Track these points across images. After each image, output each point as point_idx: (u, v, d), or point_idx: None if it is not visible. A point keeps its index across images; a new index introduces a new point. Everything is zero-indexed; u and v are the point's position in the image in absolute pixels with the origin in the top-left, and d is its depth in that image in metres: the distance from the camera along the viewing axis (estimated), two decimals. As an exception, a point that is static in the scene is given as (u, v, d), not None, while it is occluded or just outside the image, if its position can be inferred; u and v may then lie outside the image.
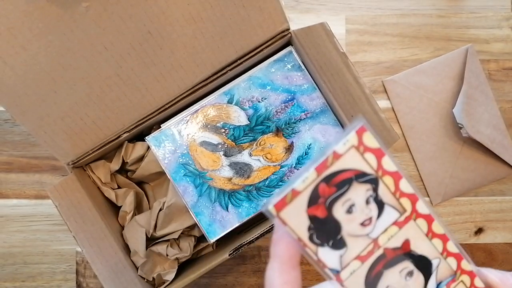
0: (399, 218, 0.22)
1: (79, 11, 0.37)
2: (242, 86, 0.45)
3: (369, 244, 0.22)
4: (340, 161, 0.21)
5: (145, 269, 0.45)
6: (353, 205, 0.21)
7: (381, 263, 0.22)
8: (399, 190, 0.22)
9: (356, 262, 0.22)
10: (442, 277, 0.23)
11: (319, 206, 0.21)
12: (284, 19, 0.41)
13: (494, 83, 0.57)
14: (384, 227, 0.22)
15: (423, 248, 0.23)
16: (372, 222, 0.22)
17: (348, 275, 0.22)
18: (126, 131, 0.43)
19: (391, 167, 0.22)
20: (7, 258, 0.56)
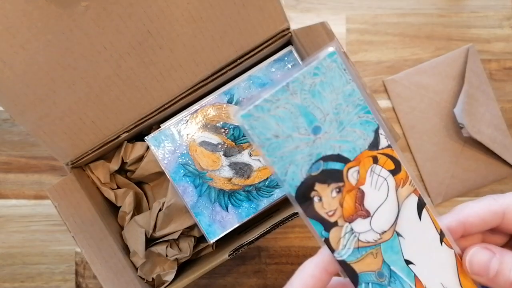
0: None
1: (78, 11, 0.37)
2: (242, 85, 0.45)
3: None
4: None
5: (145, 270, 0.44)
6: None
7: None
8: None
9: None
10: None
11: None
12: (284, 19, 0.41)
13: (495, 83, 0.57)
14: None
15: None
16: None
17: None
18: (126, 131, 0.43)
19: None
20: (6, 258, 0.56)
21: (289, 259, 0.55)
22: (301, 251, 0.55)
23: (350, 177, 0.22)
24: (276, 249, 0.55)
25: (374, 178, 0.22)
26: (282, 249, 0.55)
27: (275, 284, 0.55)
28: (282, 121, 0.21)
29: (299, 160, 0.21)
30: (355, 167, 0.22)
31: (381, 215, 0.22)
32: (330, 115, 0.21)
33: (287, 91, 0.21)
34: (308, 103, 0.21)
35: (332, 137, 0.22)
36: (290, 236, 0.56)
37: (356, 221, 0.22)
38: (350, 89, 0.22)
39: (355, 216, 0.22)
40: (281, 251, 0.55)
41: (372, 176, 0.22)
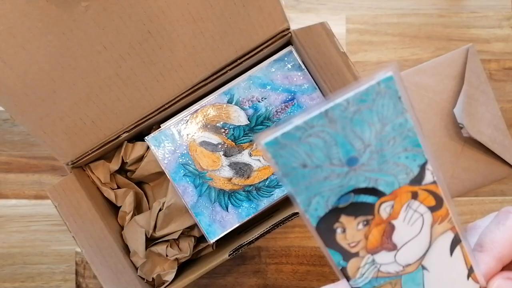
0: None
1: (79, 11, 0.37)
2: (242, 86, 0.45)
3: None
4: None
5: (145, 270, 0.44)
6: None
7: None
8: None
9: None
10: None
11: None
12: (284, 19, 0.41)
13: (495, 83, 0.57)
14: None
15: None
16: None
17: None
18: (126, 131, 0.43)
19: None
20: (6, 258, 0.56)
21: (289, 259, 0.55)
22: (301, 251, 0.55)
23: (382, 212, 0.20)
24: (276, 249, 0.56)
25: (409, 214, 0.21)
26: (282, 249, 0.56)
27: (275, 284, 0.55)
28: (313, 150, 0.19)
29: (326, 192, 0.19)
30: (390, 201, 0.20)
31: (408, 249, 0.21)
32: (371, 146, 0.19)
33: (325, 118, 0.18)
34: (348, 132, 0.19)
35: (370, 169, 0.19)
36: (290, 236, 0.56)
37: (380, 253, 0.21)
38: (402, 120, 0.19)
39: (379, 249, 0.21)
40: (281, 251, 0.55)
41: (407, 211, 0.21)
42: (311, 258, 0.56)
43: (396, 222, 0.21)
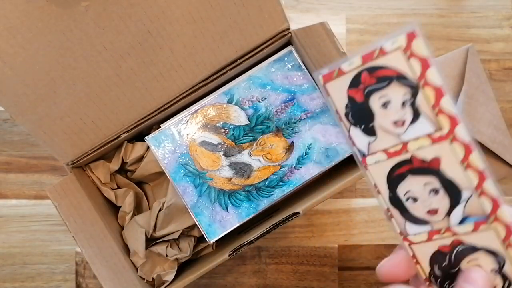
0: (433, 133, 0.22)
1: (79, 11, 0.37)
2: (242, 86, 0.45)
3: (397, 144, 0.22)
4: (385, 58, 0.21)
5: (145, 270, 0.44)
6: (389, 101, 0.22)
7: (406, 167, 0.22)
8: (439, 106, 0.21)
9: (382, 154, 0.22)
10: (471, 212, 0.22)
11: (359, 90, 0.22)
12: (284, 19, 0.41)
13: (495, 83, 0.57)
14: (416, 135, 0.22)
15: (454, 174, 0.22)
16: (404, 125, 0.22)
17: (373, 162, 0.22)
18: (126, 131, 0.43)
19: (436, 80, 0.21)
20: (6, 258, 0.56)
21: (289, 259, 0.55)
22: (301, 251, 0.55)
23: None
24: (276, 249, 0.56)
25: None
26: (282, 249, 0.56)
27: (275, 284, 0.55)
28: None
29: None
30: None
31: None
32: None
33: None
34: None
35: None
36: (290, 236, 0.56)
37: None
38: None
39: None
40: (281, 251, 0.55)
41: None
42: (311, 258, 0.56)
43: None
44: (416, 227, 0.23)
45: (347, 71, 0.22)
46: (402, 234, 0.23)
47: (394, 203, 0.22)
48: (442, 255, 0.23)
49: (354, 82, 0.22)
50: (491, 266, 0.23)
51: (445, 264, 0.23)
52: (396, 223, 0.23)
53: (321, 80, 0.23)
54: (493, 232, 0.22)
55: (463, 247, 0.23)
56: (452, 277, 0.23)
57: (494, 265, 0.23)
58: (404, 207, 0.22)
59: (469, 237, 0.22)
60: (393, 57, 0.21)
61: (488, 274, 0.22)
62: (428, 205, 0.22)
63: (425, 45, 0.21)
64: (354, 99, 0.22)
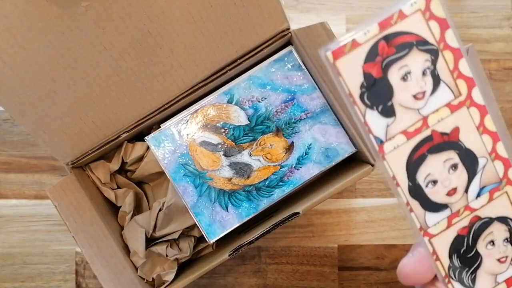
0: (453, 101, 0.21)
1: (79, 11, 0.37)
2: (242, 86, 0.45)
3: (418, 120, 0.21)
4: (404, 22, 0.20)
5: (145, 270, 0.44)
6: (409, 72, 0.20)
7: (426, 145, 0.21)
8: (458, 69, 0.21)
9: (401, 137, 0.21)
10: (487, 181, 0.22)
11: (376, 64, 0.20)
12: (284, 19, 0.41)
13: (495, 83, 0.57)
14: (436, 107, 0.21)
15: (472, 142, 0.22)
16: (425, 97, 0.21)
17: (391, 148, 0.21)
18: (126, 131, 0.43)
19: (454, 42, 0.21)
20: (6, 258, 0.56)
21: (289, 259, 0.55)
22: (301, 251, 0.55)
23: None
24: (276, 249, 0.56)
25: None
26: (282, 249, 0.56)
27: (275, 284, 0.55)
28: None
29: None
30: None
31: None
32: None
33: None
34: None
35: None
36: (290, 236, 0.56)
37: None
38: None
39: None
40: (281, 251, 0.55)
41: None
42: (311, 258, 0.56)
43: None
44: (435, 215, 0.22)
45: (362, 42, 0.20)
46: (422, 229, 0.22)
47: (414, 194, 0.22)
48: (461, 240, 0.23)
49: (371, 55, 0.20)
50: (503, 235, 0.23)
51: (463, 250, 0.23)
52: (416, 217, 0.22)
53: (330, 57, 0.20)
54: (505, 196, 0.22)
55: (480, 223, 0.23)
56: (470, 264, 0.23)
57: (506, 234, 0.23)
58: (424, 195, 0.22)
59: (485, 210, 0.22)
60: (413, 21, 0.20)
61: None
62: (447, 185, 0.22)
63: (442, 5, 0.20)
64: (371, 75, 0.20)
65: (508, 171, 0.22)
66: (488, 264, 0.23)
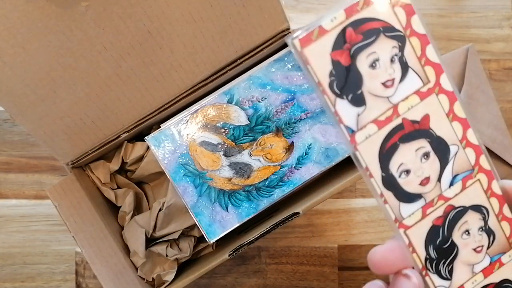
0: (422, 88, 0.21)
1: (79, 11, 0.37)
2: (242, 86, 0.45)
3: (388, 109, 0.21)
4: (370, 8, 0.20)
5: (145, 270, 0.45)
6: (377, 59, 0.20)
7: (398, 134, 0.21)
8: (425, 56, 0.21)
9: (372, 126, 0.21)
10: (459, 169, 0.22)
11: (344, 52, 0.20)
12: (284, 19, 0.41)
13: (495, 83, 0.57)
14: (405, 94, 0.21)
15: (442, 129, 0.21)
16: (394, 84, 0.20)
17: (363, 138, 0.21)
18: (126, 131, 0.43)
19: (420, 28, 0.20)
20: (6, 258, 0.56)
21: (289, 259, 0.55)
22: (301, 251, 0.55)
23: None
24: (276, 249, 0.56)
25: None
26: (282, 249, 0.56)
27: (275, 284, 0.55)
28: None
29: None
30: None
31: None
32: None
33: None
34: None
35: None
36: (290, 236, 0.56)
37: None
38: None
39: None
40: (281, 251, 0.55)
41: None
42: (311, 258, 0.56)
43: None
44: (410, 206, 0.22)
45: (329, 29, 0.19)
46: (397, 221, 0.22)
47: (388, 185, 0.21)
48: (436, 231, 0.22)
49: (338, 42, 0.19)
50: (478, 224, 0.23)
51: (439, 240, 0.22)
52: (391, 209, 0.22)
53: (297, 44, 0.19)
54: (478, 184, 0.22)
55: (454, 212, 0.22)
56: (447, 255, 0.23)
57: (481, 222, 0.23)
58: (397, 186, 0.21)
59: (458, 199, 0.22)
60: (379, 7, 0.20)
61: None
62: (420, 174, 0.21)
63: None
64: (339, 63, 0.20)
65: (479, 158, 0.22)
66: (464, 254, 0.23)
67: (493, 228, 0.23)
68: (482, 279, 0.23)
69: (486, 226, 0.23)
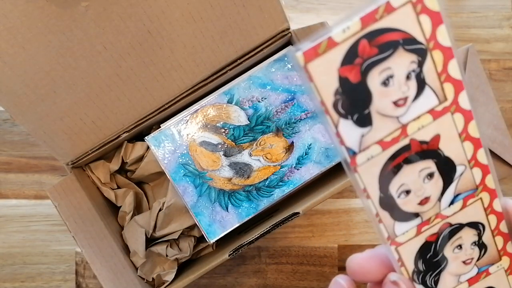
0: (437, 106, 0.19)
1: (79, 11, 0.37)
2: (242, 86, 0.45)
3: (396, 129, 0.19)
4: (391, 17, 0.17)
5: (145, 270, 0.45)
6: (391, 76, 0.18)
7: (403, 155, 0.19)
8: (447, 72, 0.18)
9: (376, 147, 0.19)
10: (462, 188, 0.21)
11: (354, 67, 0.17)
12: (284, 19, 0.41)
13: (495, 83, 0.57)
14: (418, 114, 0.19)
15: (452, 149, 0.20)
16: (406, 103, 0.18)
17: (364, 160, 0.19)
18: (126, 131, 0.43)
19: (446, 40, 0.18)
20: (6, 258, 0.56)
21: (289, 259, 0.55)
22: (301, 251, 0.55)
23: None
24: (276, 249, 0.56)
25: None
26: (282, 249, 0.56)
27: (275, 284, 0.55)
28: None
29: None
30: None
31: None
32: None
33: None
34: None
35: None
36: (290, 236, 0.56)
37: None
38: None
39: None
40: (281, 251, 0.55)
41: None
42: (311, 258, 0.56)
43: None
44: (405, 225, 0.21)
45: (340, 41, 0.17)
46: (390, 239, 0.21)
47: (384, 205, 0.20)
48: (428, 247, 0.21)
49: (349, 56, 0.17)
50: (471, 239, 0.22)
51: (430, 255, 0.22)
52: (385, 228, 0.20)
53: (301, 59, 0.17)
54: (479, 202, 0.21)
55: (449, 229, 0.21)
56: (435, 267, 0.22)
57: (475, 237, 0.22)
58: (395, 206, 0.20)
59: (456, 217, 0.21)
60: (402, 14, 0.17)
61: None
62: (420, 194, 0.20)
63: None
64: (348, 80, 0.17)
65: (485, 178, 0.21)
66: (453, 266, 0.22)
67: (487, 243, 0.22)
68: (466, 287, 0.23)
69: (480, 241, 0.22)
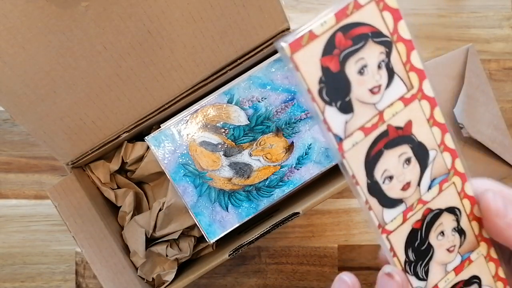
0: (406, 94, 0.21)
1: (79, 11, 0.37)
2: (242, 86, 0.45)
3: (374, 115, 0.21)
4: (360, 13, 0.19)
5: (145, 270, 0.45)
6: (365, 66, 0.20)
7: (383, 141, 0.21)
8: (410, 62, 0.21)
9: (359, 133, 0.20)
10: (436, 173, 0.22)
11: (333, 57, 0.19)
12: (284, 19, 0.41)
13: (495, 83, 0.57)
14: (391, 101, 0.21)
15: (423, 134, 0.22)
16: (380, 90, 0.20)
17: (350, 146, 0.20)
18: (126, 131, 0.43)
19: (406, 34, 0.20)
20: (6, 258, 0.56)
21: (289, 259, 0.55)
22: (301, 251, 0.55)
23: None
24: (276, 249, 0.56)
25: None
26: (282, 249, 0.56)
27: (275, 284, 0.55)
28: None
29: None
30: None
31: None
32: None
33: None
34: None
35: None
36: (290, 236, 0.56)
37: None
38: None
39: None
40: (281, 251, 0.55)
41: None
42: (311, 258, 0.56)
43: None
44: (392, 211, 0.22)
45: (319, 34, 0.19)
46: (380, 227, 0.22)
47: (372, 191, 0.21)
48: (415, 234, 0.23)
49: (328, 48, 0.19)
50: (451, 225, 0.23)
51: (417, 243, 0.23)
52: (375, 215, 0.22)
53: (287, 50, 0.19)
54: (453, 186, 0.23)
55: (431, 215, 0.23)
56: (423, 256, 0.23)
57: (454, 223, 0.23)
58: (381, 192, 0.22)
59: (435, 202, 0.23)
60: (368, 11, 0.19)
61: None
62: (402, 179, 0.22)
63: None
64: (329, 69, 0.19)
65: (455, 162, 0.23)
66: (439, 254, 0.23)
67: (465, 228, 0.24)
68: (453, 277, 0.24)
69: (459, 226, 0.23)
